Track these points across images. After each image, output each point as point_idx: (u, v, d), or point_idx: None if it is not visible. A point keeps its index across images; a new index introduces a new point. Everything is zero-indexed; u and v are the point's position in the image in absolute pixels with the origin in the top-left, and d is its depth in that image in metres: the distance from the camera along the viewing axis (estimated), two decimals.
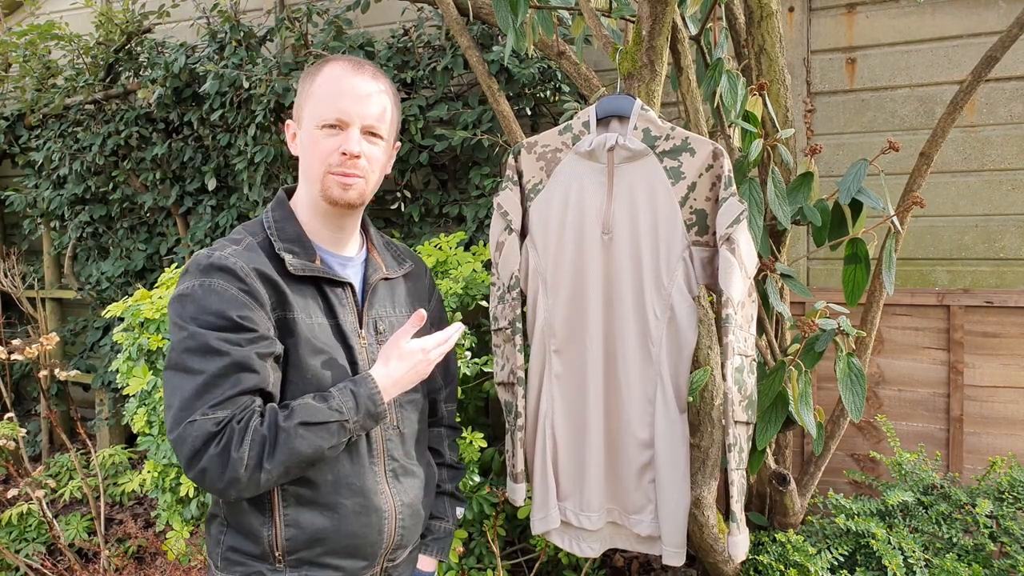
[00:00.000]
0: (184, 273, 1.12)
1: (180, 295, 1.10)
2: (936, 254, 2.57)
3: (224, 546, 1.18)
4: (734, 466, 1.48)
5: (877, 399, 2.63)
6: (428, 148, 2.90)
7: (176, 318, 1.09)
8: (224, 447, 1.03)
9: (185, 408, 1.04)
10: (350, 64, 1.18)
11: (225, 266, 1.10)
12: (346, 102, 1.16)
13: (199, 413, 1.04)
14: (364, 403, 1.13)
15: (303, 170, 1.21)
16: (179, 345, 1.07)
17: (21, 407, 4.37)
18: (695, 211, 1.49)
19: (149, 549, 2.58)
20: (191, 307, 1.08)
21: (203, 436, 1.03)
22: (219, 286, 1.08)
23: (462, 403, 2.35)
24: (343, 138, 1.16)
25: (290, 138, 1.24)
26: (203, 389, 1.04)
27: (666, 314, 1.50)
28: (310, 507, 1.16)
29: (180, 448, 1.04)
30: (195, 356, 1.05)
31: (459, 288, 2.31)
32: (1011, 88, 2.45)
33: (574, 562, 2.32)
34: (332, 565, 1.18)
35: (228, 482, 1.04)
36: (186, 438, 1.03)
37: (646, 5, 1.53)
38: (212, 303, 1.07)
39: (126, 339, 2.36)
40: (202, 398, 1.04)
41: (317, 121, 1.16)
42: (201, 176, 3.44)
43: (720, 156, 1.45)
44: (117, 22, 3.59)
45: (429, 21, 3.05)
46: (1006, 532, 1.93)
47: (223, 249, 1.13)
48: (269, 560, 1.15)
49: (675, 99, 1.97)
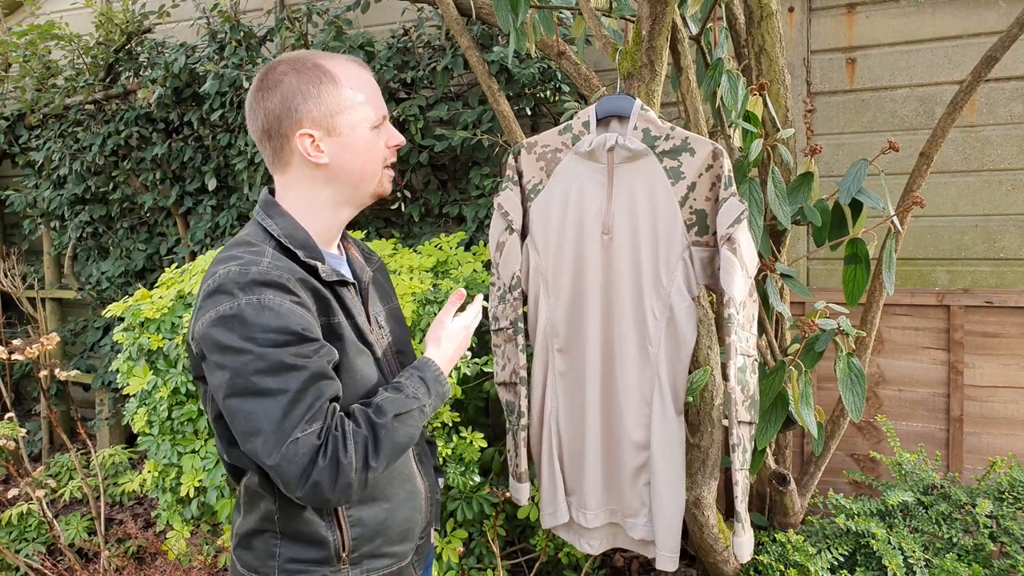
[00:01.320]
0: (216, 292, 1.04)
1: (226, 316, 1.02)
2: (936, 254, 2.57)
3: (281, 558, 1.16)
4: (738, 466, 1.48)
5: (877, 399, 2.63)
6: (428, 148, 2.90)
7: (230, 342, 1.01)
8: (332, 456, 1.02)
9: (279, 429, 1.01)
10: (354, 62, 1.19)
11: (271, 280, 1.05)
12: (379, 97, 1.19)
13: (298, 431, 1.01)
14: (433, 386, 1.19)
15: (350, 173, 1.17)
16: (246, 368, 1.01)
17: (21, 407, 4.37)
18: (695, 211, 1.49)
19: (149, 549, 2.58)
20: (246, 328, 1.02)
21: (310, 451, 1.01)
22: (272, 301, 1.03)
23: (462, 403, 2.35)
24: (389, 132, 1.21)
25: (311, 147, 1.14)
26: (291, 407, 1.01)
27: (665, 314, 1.50)
28: (370, 503, 1.18)
29: (288, 469, 1.01)
30: (270, 376, 1.01)
31: (460, 288, 2.31)
32: (1011, 88, 2.45)
33: (574, 562, 2.32)
34: (389, 554, 1.21)
35: (341, 489, 1.03)
36: (293, 457, 1.00)
37: (646, 5, 1.53)
38: (270, 320, 1.02)
39: (126, 339, 2.36)
40: (292, 415, 1.01)
41: (368, 123, 1.16)
42: (201, 176, 3.44)
43: (720, 156, 1.45)
44: (117, 22, 3.59)
45: (429, 21, 3.05)
46: (1006, 532, 1.93)
47: (257, 264, 1.06)
48: (333, 563, 1.16)
49: (675, 99, 1.97)
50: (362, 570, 1.18)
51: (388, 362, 1.25)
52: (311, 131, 1.13)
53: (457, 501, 2.16)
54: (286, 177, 1.18)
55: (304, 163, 1.15)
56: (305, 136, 1.13)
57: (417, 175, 3.09)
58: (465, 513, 2.14)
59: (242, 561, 1.19)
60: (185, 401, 2.30)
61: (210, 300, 1.04)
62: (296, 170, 1.16)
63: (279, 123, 1.13)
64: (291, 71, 1.13)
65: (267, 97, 1.13)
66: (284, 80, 1.13)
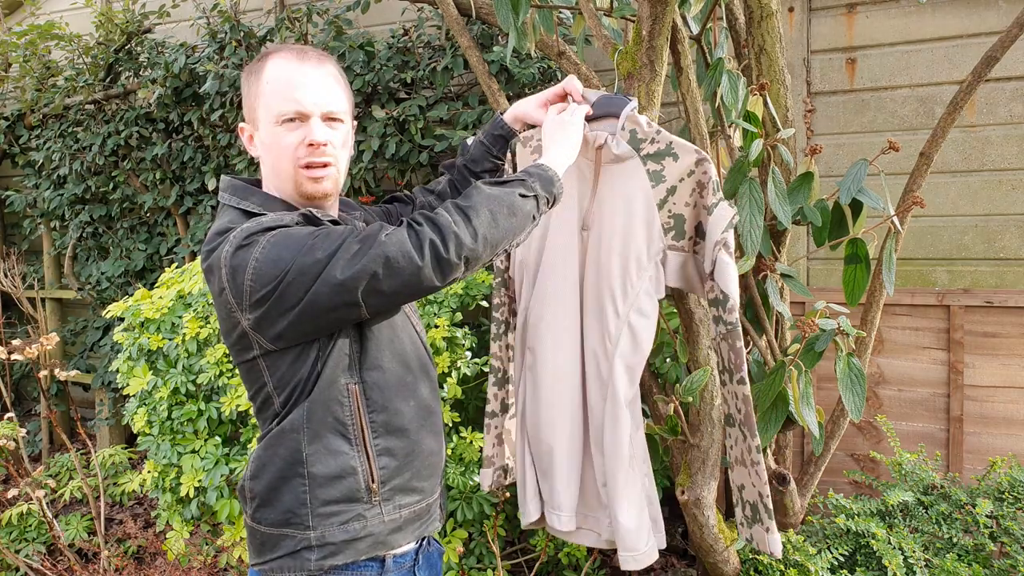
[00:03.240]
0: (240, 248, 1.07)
1: (262, 255, 1.06)
2: (936, 254, 2.57)
3: (314, 503, 1.15)
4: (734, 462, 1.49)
5: (877, 399, 2.63)
6: (428, 148, 2.90)
7: (276, 264, 1.05)
8: (429, 220, 1.06)
9: (361, 243, 1.04)
10: (293, 53, 1.18)
11: (283, 223, 1.09)
12: (300, 93, 1.15)
13: (382, 234, 1.04)
14: (541, 178, 1.18)
15: (271, 168, 1.20)
16: (300, 262, 1.04)
17: (21, 407, 4.37)
18: (673, 215, 1.49)
19: (149, 549, 2.58)
20: (280, 249, 1.05)
21: (403, 231, 1.05)
22: (294, 230, 1.08)
23: (462, 403, 2.35)
24: (306, 129, 1.16)
25: (247, 141, 1.22)
26: (347, 246, 1.04)
27: (627, 315, 1.50)
28: (397, 434, 1.19)
29: (388, 250, 1.03)
30: (322, 242, 1.05)
31: (459, 288, 2.31)
32: (1011, 88, 2.45)
33: (574, 562, 2.32)
34: (418, 488, 1.23)
35: (455, 246, 1.04)
36: (387, 244, 1.03)
37: (646, 5, 1.53)
38: (300, 235, 1.06)
39: (126, 339, 2.36)
40: (363, 238, 1.05)
41: (276, 118, 1.15)
42: (201, 176, 3.44)
43: (704, 163, 1.45)
44: (117, 22, 3.59)
45: (429, 21, 3.04)
46: (1006, 532, 1.93)
47: (259, 221, 1.11)
48: (365, 499, 1.16)
49: (675, 99, 1.97)
50: (394, 506, 1.19)
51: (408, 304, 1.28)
52: (245, 125, 1.21)
53: (457, 501, 2.16)
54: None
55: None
56: (242, 130, 1.21)
57: (417, 175, 3.09)
58: (465, 513, 2.14)
59: (267, 521, 1.17)
60: (185, 401, 2.30)
61: (239, 255, 1.07)
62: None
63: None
64: (249, 64, 1.21)
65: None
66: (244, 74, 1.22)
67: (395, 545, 1.20)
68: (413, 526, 1.23)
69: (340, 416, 1.14)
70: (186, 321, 2.31)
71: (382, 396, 1.17)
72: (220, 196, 1.21)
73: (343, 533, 1.15)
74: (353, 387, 1.15)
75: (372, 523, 1.17)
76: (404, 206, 1.50)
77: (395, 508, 1.19)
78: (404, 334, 1.23)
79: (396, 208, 1.50)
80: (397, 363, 1.20)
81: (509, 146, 1.56)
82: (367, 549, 1.16)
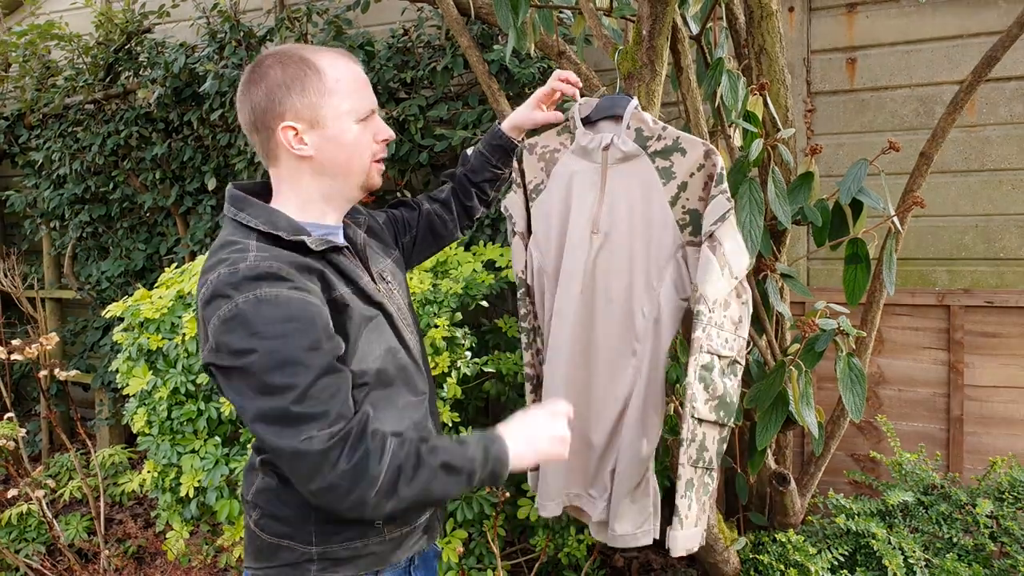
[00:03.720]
0: (213, 298, 1.02)
1: (228, 319, 1.00)
2: (936, 254, 2.57)
3: (321, 519, 1.13)
4: (684, 461, 1.46)
5: (877, 399, 2.63)
6: (428, 148, 2.89)
7: (238, 344, 0.99)
8: (360, 464, 0.99)
9: (291, 425, 0.98)
10: (341, 54, 1.18)
11: (262, 272, 1.02)
12: (369, 91, 1.18)
13: (314, 428, 0.98)
14: (492, 463, 1.10)
15: (336, 166, 1.16)
16: (253, 367, 0.99)
17: (21, 407, 4.37)
18: (688, 211, 1.49)
19: (149, 549, 2.58)
20: (248, 326, 0.99)
21: (327, 451, 0.98)
22: (268, 294, 1.01)
23: (462, 403, 2.35)
24: (377, 125, 1.19)
25: (293, 140, 1.14)
26: (300, 401, 0.98)
27: (653, 314, 1.50)
28: None
29: (300, 465, 0.99)
30: (276, 372, 0.99)
31: (459, 288, 2.31)
32: (1011, 88, 2.45)
33: (574, 562, 2.32)
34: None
35: (357, 501, 1.00)
36: (306, 455, 0.98)
37: (646, 5, 1.53)
38: (271, 312, 1.00)
39: (126, 339, 2.36)
40: (303, 410, 0.98)
41: (353, 115, 1.15)
42: (201, 176, 3.44)
43: (712, 155, 1.45)
44: (117, 22, 3.59)
45: (429, 21, 3.04)
46: (1006, 532, 1.93)
47: (244, 260, 1.04)
48: (368, 521, 1.16)
49: (675, 99, 1.97)
50: (395, 526, 1.19)
51: (402, 316, 1.25)
52: (294, 124, 1.13)
53: (457, 501, 2.16)
54: (278, 171, 1.18)
55: (291, 156, 1.15)
56: (288, 129, 1.13)
57: (417, 175, 3.09)
58: (465, 513, 2.14)
59: (270, 530, 1.16)
60: (185, 401, 2.30)
61: (210, 308, 1.03)
62: (285, 163, 1.16)
63: (264, 116, 1.13)
64: (276, 64, 1.13)
65: (253, 90, 1.14)
66: (270, 73, 1.13)
67: (395, 560, 1.20)
68: (409, 542, 1.23)
69: None
70: (186, 321, 2.31)
71: (382, 426, 1.13)
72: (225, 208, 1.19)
73: (345, 551, 1.15)
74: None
75: (374, 541, 1.17)
76: (410, 210, 1.51)
77: (396, 527, 1.19)
78: (390, 362, 1.18)
79: (402, 213, 1.50)
80: (391, 391, 1.18)
81: (514, 155, 1.57)
82: (367, 565, 1.17)
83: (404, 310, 1.27)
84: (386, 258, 1.33)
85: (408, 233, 1.49)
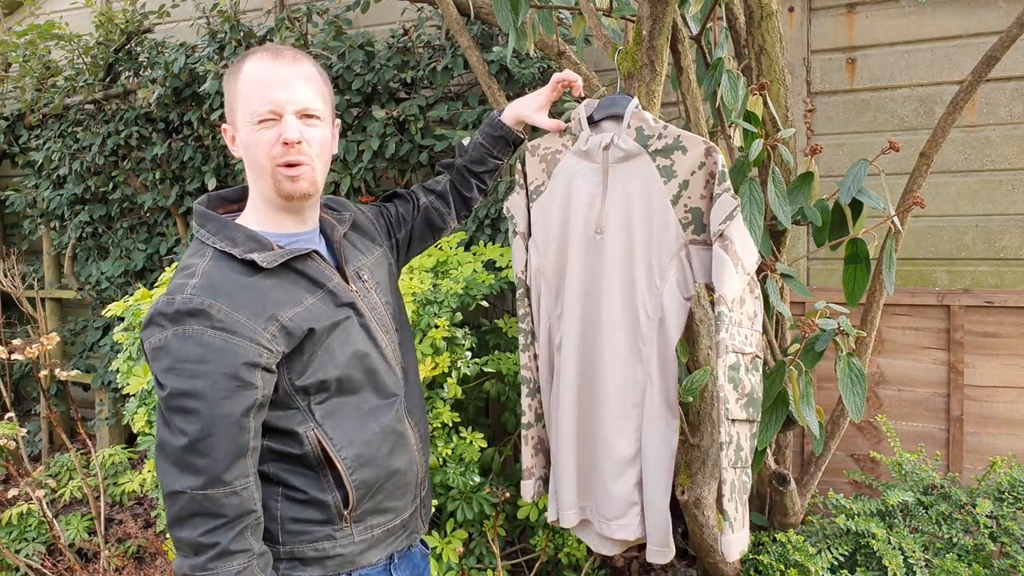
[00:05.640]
0: (149, 324, 1.08)
1: (156, 348, 1.06)
2: (936, 254, 2.57)
3: (284, 520, 1.15)
4: (726, 464, 1.47)
5: (877, 399, 2.63)
6: (428, 148, 2.90)
7: (159, 373, 1.06)
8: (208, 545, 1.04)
9: (175, 464, 1.04)
10: (268, 53, 1.17)
11: (192, 309, 1.05)
12: (274, 91, 1.14)
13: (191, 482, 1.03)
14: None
15: (251, 169, 1.19)
16: (164, 398, 1.05)
17: (21, 407, 4.37)
18: (690, 210, 1.49)
19: (149, 549, 2.58)
20: (170, 358, 1.04)
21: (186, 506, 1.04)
22: (193, 331, 1.05)
23: (462, 403, 2.35)
24: (281, 127, 1.14)
25: (229, 142, 1.21)
26: (186, 452, 1.04)
27: (657, 314, 1.50)
28: (366, 465, 1.18)
29: (167, 503, 1.04)
30: (177, 415, 1.04)
31: (459, 288, 2.31)
32: (1011, 88, 2.45)
33: (574, 562, 2.32)
34: (391, 508, 1.23)
35: (187, 567, 1.04)
36: (176, 499, 1.04)
37: (646, 5, 1.53)
38: (191, 351, 1.04)
39: (126, 339, 2.36)
40: (186, 465, 1.03)
41: (251, 118, 1.14)
42: (201, 176, 3.44)
43: (713, 153, 1.45)
44: (117, 22, 3.59)
45: (429, 21, 3.04)
46: (1006, 532, 1.93)
47: (182, 291, 1.07)
48: (336, 521, 1.17)
49: (675, 99, 1.97)
50: (366, 527, 1.19)
51: (376, 316, 1.24)
52: (227, 126, 1.21)
53: (457, 501, 2.16)
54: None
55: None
56: (225, 131, 1.21)
57: (417, 175, 3.09)
58: (465, 513, 2.14)
59: None
60: None
61: (145, 332, 1.08)
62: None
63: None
64: (229, 67, 1.22)
65: None
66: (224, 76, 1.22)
67: (365, 563, 1.20)
68: (385, 543, 1.23)
69: (302, 459, 1.14)
70: None
71: (343, 434, 1.16)
72: None
73: (312, 551, 1.16)
74: (312, 433, 1.13)
75: (342, 543, 1.18)
76: (405, 203, 1.50)
77: (366, 529, 1.20)
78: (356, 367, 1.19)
79: (396, 205, 1.49)
80: (355, 398, 1.18)
81: (517, 153, 1.57)
82: (336, 566, 1.18)
83: (379, 309, 1.26)
84: (367, 255, 1.32)
85: (404, 227, 1.48)
